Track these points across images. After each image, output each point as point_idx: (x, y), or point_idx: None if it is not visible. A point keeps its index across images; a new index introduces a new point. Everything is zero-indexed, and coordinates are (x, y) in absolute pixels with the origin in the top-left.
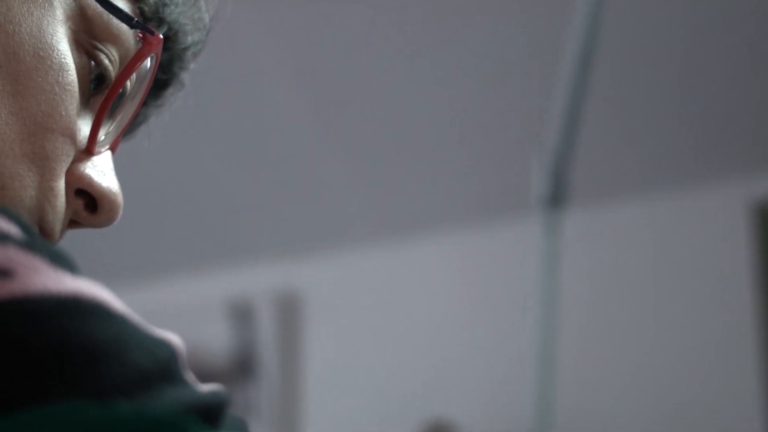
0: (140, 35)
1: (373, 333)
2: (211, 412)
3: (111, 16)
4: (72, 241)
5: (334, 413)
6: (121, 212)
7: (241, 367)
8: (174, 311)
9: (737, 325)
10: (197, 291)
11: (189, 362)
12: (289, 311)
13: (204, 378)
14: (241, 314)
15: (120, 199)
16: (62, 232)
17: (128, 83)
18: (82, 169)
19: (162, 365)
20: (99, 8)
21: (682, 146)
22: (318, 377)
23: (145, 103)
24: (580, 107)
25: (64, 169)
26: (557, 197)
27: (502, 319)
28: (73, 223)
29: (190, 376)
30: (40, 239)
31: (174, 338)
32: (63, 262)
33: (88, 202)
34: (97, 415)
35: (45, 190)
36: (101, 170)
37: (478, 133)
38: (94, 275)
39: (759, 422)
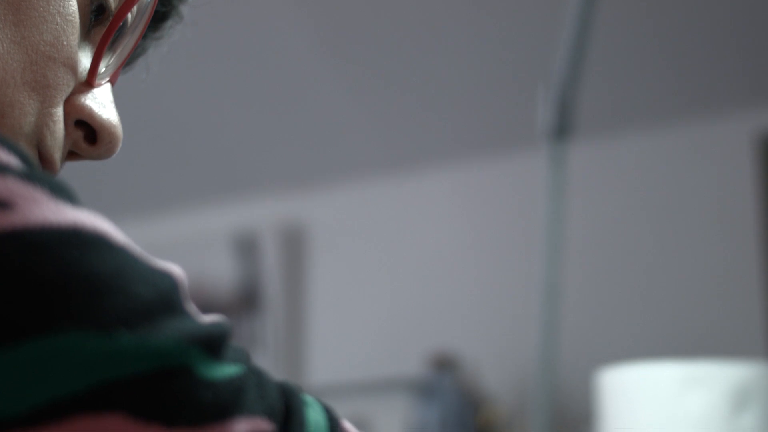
0: None
1: (378, 265)
2: (213, 342)
3: None
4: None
5: (339, 345)
6: (120, 144)
7: (246, 300)
8: (179, 244)
9: (741, 255)
10: (202, 223)
11: (194, 295)
12: (294, 243)
13: (209, 310)
14: (246, 246)
15: (119, 131)
16: (62, 161)
17: (129, 15)
18: (82, 100)
19: (164, 296)
20: None
21: (687, 78)
22: (323, 309)
23: (143, 36)
24: (586, 39)
25: (63, 99)
26: (563, 129)
27: (507, 252)
28: (72, 155)
29: (191, 307)
30: (39, 170)
31: (175, 269)
32: (63, 193)
33: (88, 134)
34: (99, 347)
35: (44, 116)
36: (101, 102)
37: (483, 65)
38: (97, 209)
39: (761, 351)
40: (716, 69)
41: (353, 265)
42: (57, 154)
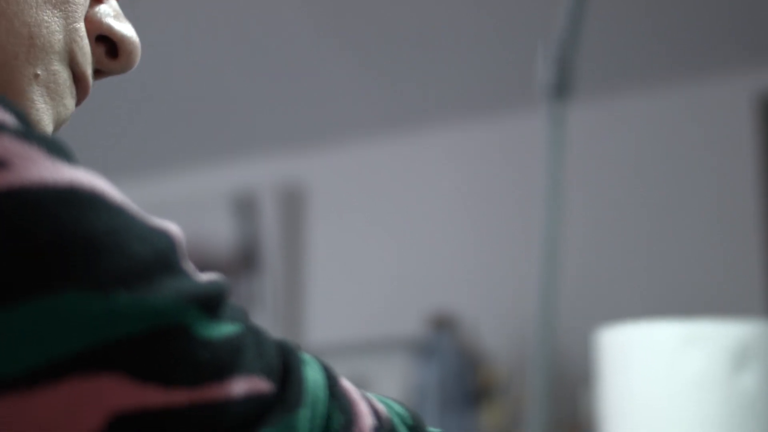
0: None
1: (377, 225)
2: (211, 301)
3: None
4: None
5: (338, 305)
6: (139, 55)
7: (245, 260)
8: (177, 204)
9: (740, 214)
10: (201, 183)
11: (192, 255)
12: (293, 203)
13: (207, 271)
14: (245, 207)
15: (138, 41)
16: (92, 78)
17: None
18: (99, 16)
19: (161, 255)
20: None
21: (687, 37)
22: (322, 269)
23: None
24: None
25: (84, 14)
26: (562, 89)
27: (507, 211)
28: (96, 73)
29: (189, 266)
30: (36, 129)
31: (173, 228)
32: (60, 151)
33: (109, 48)
34: (96, 307)
35: (71, 33)
36: (115, 16)
37: (482, 24)
38: (96, 169)
39: (760, 310)
40: (717, 29)
41: (352, 225)
42: (89, 70)
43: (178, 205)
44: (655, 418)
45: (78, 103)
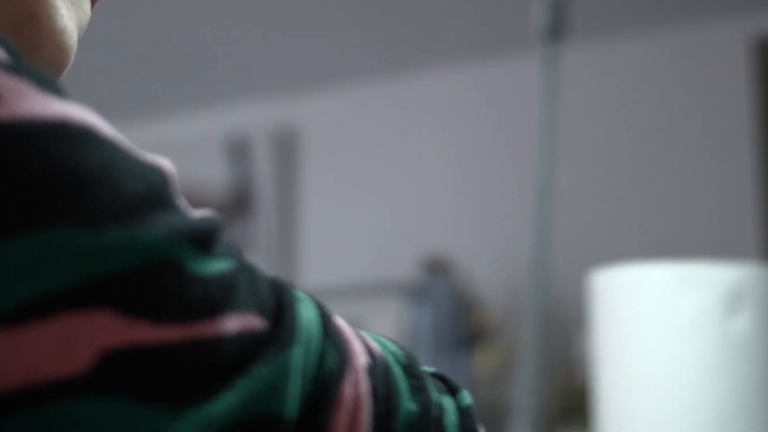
0: None
1: (371, 169)
2: (204, 237)
3: None
4: (67, 79)
5: (332, 248)
6: None
7: (239, 203)
8: (171, 147)
9: (735, 158)
10: (195, 127)
11: (186, 198)
12: (287, 147)
13: None
14: (239, 150)
15: None
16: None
17: None
18: None
19: (153, 191)
20: None
21: None
22: (315, 213)
23: None
24: None
25: None
26: (557, 31)
27: (501, 155)
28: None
29: (182, 202)
30: (26, 63)
31: (165, 163)
32: (50, 86)
33: None
34: (87, 242)
35: None
36: None
37: None
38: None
39: (754, 253)
40: None
41: (346, 168)
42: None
43: (172, 148)
44: (647, 361)
45: (92, 6)
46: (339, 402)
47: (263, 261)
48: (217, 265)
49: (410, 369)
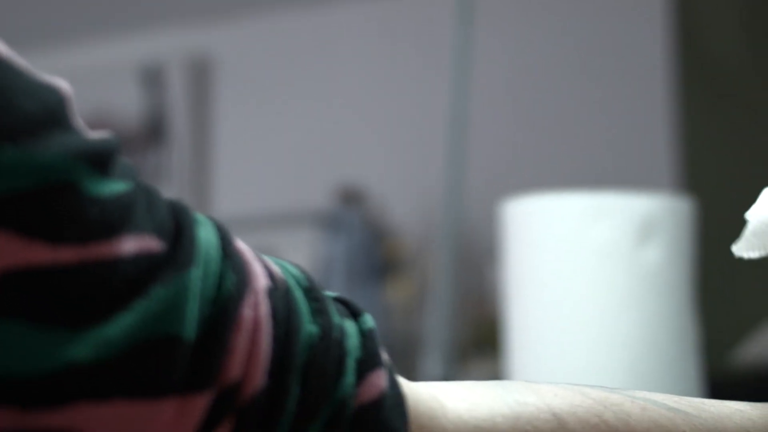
0: None
1: (286, 98)
2: (101, 158)
3: None
4: None
5: (245, 178)
6: None
7: (152, 132)
8: (82, 76)
9: (649, 86)
10: (107, 54)
11: (98, 127)
12: (201, 75)
13: None
14: (152, 78)
15: None
16: None
17: None
18: None
19: (50, 111)
20: None
21: None
22: (229, 142)
23: None
24: None
25: None
26: None
27: (416, 84)
28: None
29: (79, 123)
30: None
31: (63, 83)
32: None
33: None
34: None
35: None
36: None
37: None
38: None
39: (667, 184)
40: None
41: (261, 97)
42: None
43: (83, 76)
44: (558, 290)
45: None
46: (238, 323)
47: (176, 190)
48: (114, 186)
49: (311, 292)
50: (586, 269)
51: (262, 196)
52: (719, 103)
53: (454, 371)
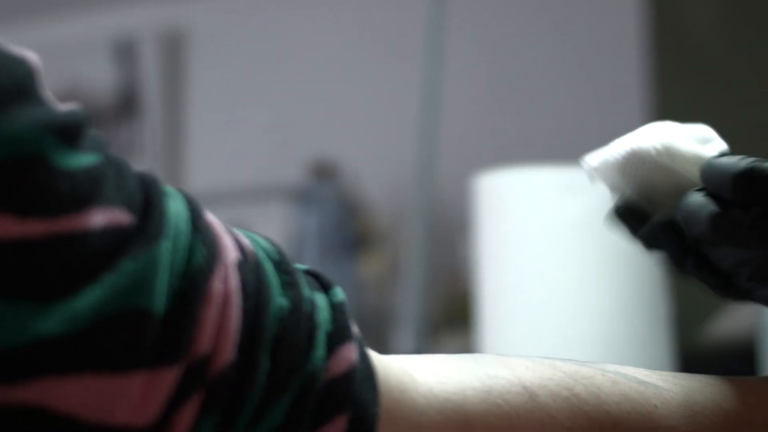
0: None
1: (259, 72)
2: (70, 130)
3: None
4: None
5: (218, 152)
6: None
7: (125, 106)
8: (54, 50)
9: (622, 62)
10: (79, 28)
11: (71, 102)
12: (174, 49)
13: None
14: (125, 52)
15: None
16: None
17: None
18: None
19: (17, 83)
20: None
21: None
22: (202, 116)
23: None
24: None
25: None
26: None
27: (389, 59)
28: None
29: (47, 95)
30: None
31: (31, 55)
32: None
33: None
34: None
35: None
36: None
37: None
38: None
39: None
40: None
41: (233, 72)
42: None
43: (56, 51)
44: (530, 265)
45: None
46: (208, 297)
47: (149, 164)
48: (83, 159)
49: (281, 265)
50: (558, 244)
51: (235, 170)
52: (693, 76)
53: (426, 345)
